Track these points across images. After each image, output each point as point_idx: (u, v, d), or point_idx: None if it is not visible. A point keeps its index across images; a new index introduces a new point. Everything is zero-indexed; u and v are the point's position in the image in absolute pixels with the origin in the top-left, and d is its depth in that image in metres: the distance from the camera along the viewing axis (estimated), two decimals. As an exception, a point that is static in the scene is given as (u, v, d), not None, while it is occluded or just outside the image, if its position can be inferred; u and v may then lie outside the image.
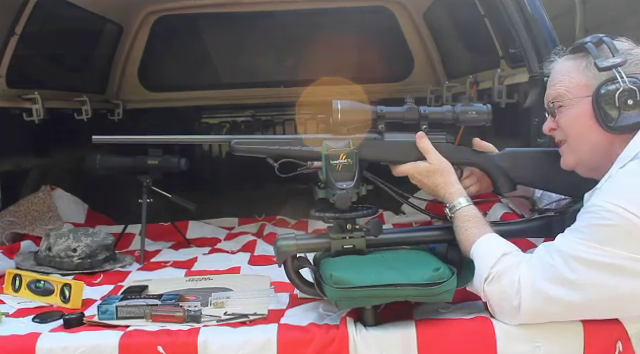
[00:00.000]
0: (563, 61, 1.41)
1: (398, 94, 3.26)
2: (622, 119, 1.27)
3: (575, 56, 1.38)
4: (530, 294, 1.24)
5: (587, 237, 1.20)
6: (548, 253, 1.25)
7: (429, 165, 1.50)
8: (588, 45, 1.33)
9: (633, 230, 1.15)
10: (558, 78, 1.39)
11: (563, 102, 1.36)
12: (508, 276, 1.27)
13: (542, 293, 1.23)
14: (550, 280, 1.22)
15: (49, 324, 1.49)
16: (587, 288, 1.20)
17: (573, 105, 1.35)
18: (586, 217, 1.22)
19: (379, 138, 1.55)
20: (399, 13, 3.36)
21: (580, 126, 1.34)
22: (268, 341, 1.35)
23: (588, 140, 1.34)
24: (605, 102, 1.28)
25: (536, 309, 1.25)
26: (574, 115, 1.35)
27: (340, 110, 1.48)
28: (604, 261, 1.18)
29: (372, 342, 1.34)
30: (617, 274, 1.18)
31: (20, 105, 2.52)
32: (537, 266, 1.26)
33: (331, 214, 1.50)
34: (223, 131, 3.59)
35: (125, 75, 3.46)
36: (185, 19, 3.40)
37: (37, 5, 2.42)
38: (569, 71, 1.37)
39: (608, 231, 1.17)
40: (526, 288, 1.24)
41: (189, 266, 2.11)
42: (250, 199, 3.12)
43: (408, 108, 1.53)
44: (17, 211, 2.46)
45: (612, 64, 1.28)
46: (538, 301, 1.24)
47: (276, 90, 3.47)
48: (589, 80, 1.32)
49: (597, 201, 1.20)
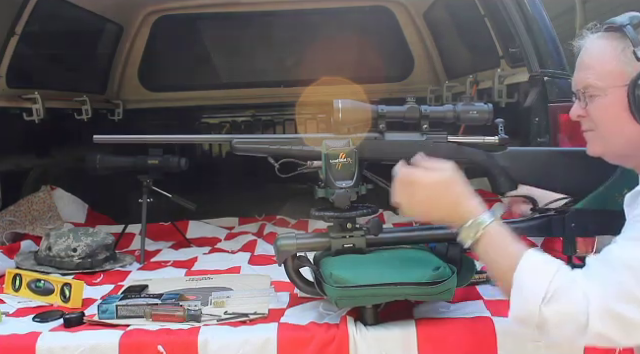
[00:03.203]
0: (595, 39, 1.24)
1: (398, 94, 3.26)
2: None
3: (610, 36, 1.21)
4: (599, 314, 1.07)
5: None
6: (610, 267, 1.09)
7: (443, 172, 1.25)
8: (627, 28, 1.17)
9: None
10: (589, 62, 1.23)
11: (594, 91, 1.22)
12: (569, 294, 1.09)
13: (614, 313, 1.06)
14: (621, 299, 1.06)
15: (49, 323, 1.49)
16: None
17: (606, 95, 1.20)
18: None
19: (380, 137, 1.55)
20: (399, 13, 3.37)
21: (613, 118, 1.20)
22: (268, 340, 1.35)
23: (621, 132, 1.20)
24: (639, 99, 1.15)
25: (606, 330, 1.08)
26: (606, 105, 1.21)
27: (341, 109, 1.48)
28: None
29: (372, 341, 1.34)
30: None
31: (20, 105, 2.52)
32: (601, 283, 1.09)
33: (331, 213, 1.50)
34: (223, 131, 3.60)
35: (125, 75, 3.46)
36: (185, 19, 3.40)
37: (37, 5, 2.41)
38: (602, 54, 1.21)
39: None
40: (595, 307, 1.07)
41: (189, 266, 2.11)
42: (250, 199, 3.11)
43: (409, 107, 1.53)
44: (17, 211, 2.46)
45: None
46: (608, 321, 1.07)
47: (276, 90, 3.47)
48: (625, 67, 1.17)
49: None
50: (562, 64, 2.00)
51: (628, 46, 1.16)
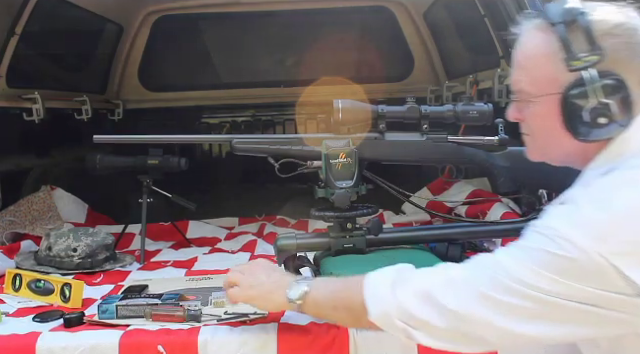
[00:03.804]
0: (530, 32, 1.06)
1: (398, 94, 3.26)
2: (594, 134, 0.99)
3: (546, 29, 1.02)
4: (415, 291, 1.02)
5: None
6: (476, 260, 1.02)
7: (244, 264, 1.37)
8: (558, 28, 0.99)
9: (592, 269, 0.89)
10: (521, 61, 1.07)
11: (527, 97, 1.06)
12: (415, 274, 1.07)
13: (429, 296, 1.00)
14: (446, 287, 1.00)
15: (49, 323, 1.48)
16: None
17: (540, 102, 1.04)
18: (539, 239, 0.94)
19: (380, 137, 1.55)
20: (399, 13, 3.36)
21: (548, 128, 1.05)
22: (268, 340, 1.35)
23: (557, 145, 1.06)
24: (573, 111, 0.99)
25: (413, 309, 1.01)
26: (540, 115, 1.05)
27: (341, 109, 1.48)
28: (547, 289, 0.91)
29: (372, 341, 1.34)
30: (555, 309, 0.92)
31: (20, 105, 2.52)
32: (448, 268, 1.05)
33: (331, 213, 1.51)
34: (223, 131, 3.60)
35: (125, 75, 3.46)
36: (185, 19, 3.40)
37: (37, 5, 2.41)
38: (535, 54, 1.04)
39: (562, 263, 0.90)
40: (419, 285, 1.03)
41: (189, 266, 2.11)
42: (250, 199, 3.12)
43: (409, 107, 1.54)
44: (17, 211, 2.46)
45: (584, 66, 0.96)
46: (417, 300, 1.01)
47: (276, 90, 3.47)
48: (558, 73, 1.00)
49: (556, 224, 0.93)
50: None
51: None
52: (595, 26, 0.98)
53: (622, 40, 0.98)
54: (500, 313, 0.94)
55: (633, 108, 0.98)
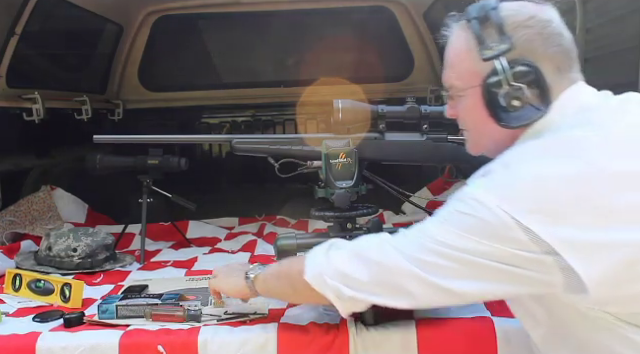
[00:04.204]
0: (455, 32, 1.15)
1: (398, 94, 3.27)
2: (513, 118, 1.07)
3: (466, 27, 1.11)
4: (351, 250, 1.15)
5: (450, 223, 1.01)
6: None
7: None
8: (472, 24, 1.08)
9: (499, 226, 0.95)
10: (449, 58, 1.16)
11: (457, 92, 1.16)
12: (345, 242, 1.20)
13: (359, 255, 1.12)
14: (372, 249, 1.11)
15: (49, 323, 1.49)
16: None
17: (467, 95, 1.13)
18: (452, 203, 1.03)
19: (380, 137, 1.55)
20: (399, 13, 3.36)
21: (477, 119, 1.13)
22: (268, 340, 1.35)
23: (487, 134, 1.13)
24: (492, 99, 1.07)
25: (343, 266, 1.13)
26: (469, 107, 1.14)
27: (341, 109, 1.48)
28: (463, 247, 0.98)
29: (372, 342, 1.34)
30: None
31: (20, 105, 2.52)
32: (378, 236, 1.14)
33: (331, 213, 1.51)
34: (223, 131, 3.60)
35: (125, 75, 3.46)
36: (185, 19, 3.40)
37: (37, 5, 2.41)
38: (459, 51, 1.13)
39: (472, 221, 0.98)
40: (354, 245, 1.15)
41: (189, 266, 2.11)
42: (250, 199, 3.12)
43: (409, 107, 1.54)
44: (17, 211, 2.46)
45: (495, 54, 1.04)
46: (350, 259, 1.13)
47: (276, 90, 3.47)
48: (478, 65, 1.08)
49: (469, 188, 1.01)
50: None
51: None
52: (508, 20, 1.06)
53: (535, 31, 1.06)
54: (424, 270, 1.02)
55: (550, 93, 1.05)
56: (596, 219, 0.93)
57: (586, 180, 0.94)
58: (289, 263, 1.31)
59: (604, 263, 0.92)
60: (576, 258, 0.92)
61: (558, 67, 1.07)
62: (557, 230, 0.93)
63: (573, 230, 0.93)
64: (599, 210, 0.93)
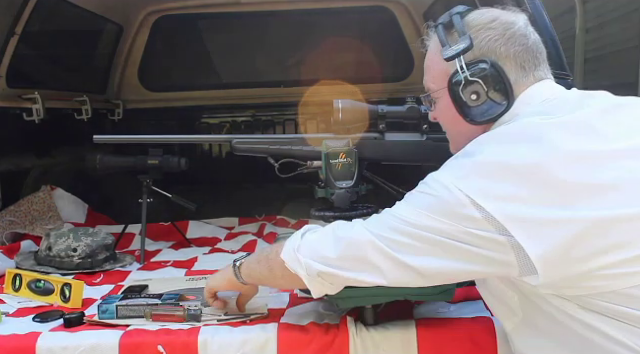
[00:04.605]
0: (432, 38, 1.24)
1: (398, 94, 3.26)
2: (476, 114, 1.14)
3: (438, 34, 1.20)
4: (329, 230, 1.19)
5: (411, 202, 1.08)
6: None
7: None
8: (438, 28, 1.18)
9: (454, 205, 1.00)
10: (426, 64, 1.25)
11: (433, 95, 1.24)
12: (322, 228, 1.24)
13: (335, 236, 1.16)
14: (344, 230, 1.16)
15: (49, 323, 1.49)
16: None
17: (440, 96, 1.21)
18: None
19: (380, 137, 1.55)
20: (399, 13, 3.36)
21: (450, 119, 1.21)
22: (268, 340, 1.35)
23: (461, 133, 1.20)
24: (457, 97, 1.15)
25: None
26: (442, 108, 1.22)
27: (341, 109, 1.49)
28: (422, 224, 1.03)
29: (372, 342, 1.34)
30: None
31: (20, 105, 2.52)
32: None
33: (331, 213, 1.51)
34: (223, 131, 3.60)
35: (125, 75, 3.46)
36: (185, 19, 3.40)
37: (37, 5, 2.41)
38: (432, 55, 1.22)
39: (430, 200, 1.03)
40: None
41: (189, 266, 2.11)
42: (250, 199, 3.12)
43: (409, 107, 1.54)
44: (17, 211, 2.46)
45: (454, 53, 1.13)
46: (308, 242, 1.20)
47: (276, 90, 3.47)
48: (446, 67, 1.17)
49: (432, 173, 1.09)
50: (562, 64, 2.00)
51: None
52: (471, 23, 1.15)
53: (497, 32, 1.13)
54: (389, 246, 1.07)
55: (511, 89, 1.12)
56: (544, 197, 0.96)
57: (537, 159, 0.98)
58: (269, 247, 1.37)
59: (550, 240, 0.94)
60: (524, 236, 0.95)
61: (522, 66, 1.13)
62: (508, 208, 0.96)
63: (522, 208, 0.96)
64: (548, 188, 0.96)
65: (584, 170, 0.97)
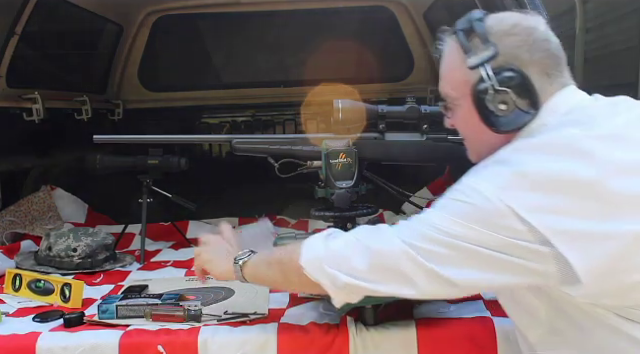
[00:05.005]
0: (447, 44, 1.19)
1: (398, 94, 3.26)
2: (504, 123, 1.10)
3: (457, 40, 1.14)
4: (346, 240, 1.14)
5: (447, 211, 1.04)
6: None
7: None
8: (459, 35, 1.12)
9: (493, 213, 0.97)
10: (442, 70, 1.20)
11: (452, 101, 1.19)
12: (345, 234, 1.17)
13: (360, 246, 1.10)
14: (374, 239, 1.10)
15: (49, 323, 1.49)
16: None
17: (460, 104, 1.16)
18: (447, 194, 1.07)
19: (380, 137, 1.55)
20: (399, 13, 3.36)
21: (472, 127, 1.16)
22: (268, 340, 1.35)
23: (483, 141, 1.16)
24: (482, 105, 1.10)
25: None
26: (463, 116, 1.17)
27: (341, 109, 1.49)
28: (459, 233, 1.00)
29: (372, 342, 1.34)
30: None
31: (20, 105, 2.52)
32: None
33: (331, 213, 1.51)
34: (223, 131, 3.59)
35: (125, 75, 3.46)
36: (185, 19, 3.40)
37: (37, 5, 2.41)
38: (450, 62, 1.17)
39: (468, 209, 1.00)
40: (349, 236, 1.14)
41: (189, 266, 2.11)
42: (250, 199, 3.11)
43: (409, 107, 1.54)
44: (17, 211, 2.46)
45: (480, 61, 1.08)
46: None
47: (276, 90, 3.47)
48: (467, 75, 1.11)
49: (466, 179, 1.05)
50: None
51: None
52: (492, 29, 1.10)
53: (520, 38, 1.09)
54: (422, 256, 1.02)
55: (538, 97, 1.09)
56: (591, 210, 0.95)
57: (592, 174, 0.95)
58: (283, 250, 1.30)
59: (598, 254, 0.93)
60: (570, 249, 0.94)
61: (546, 72, 1.10)
62: (552, 221, 0.94)
63: (568, 221, 0.94)
64: (594, 201, 0.95)
65: (628, 181, 0.96)
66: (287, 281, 1.24)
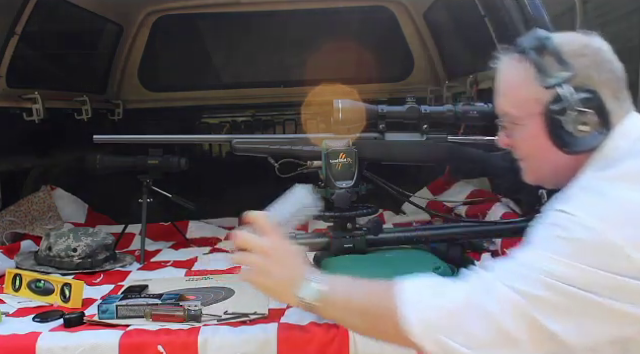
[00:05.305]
0: (507, 63, 1.16)
1: (398, 94, 3.26)
2: (579, 144, 1.06)
3: (520, 59, 1.12)
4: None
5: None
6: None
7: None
8: (530, 55, 1.09)
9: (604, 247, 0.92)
10: (503, 88, 1.17)
11: (513, 120, 1.14)
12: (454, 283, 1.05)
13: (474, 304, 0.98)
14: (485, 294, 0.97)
15: (49, 323, 1.49)
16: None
17: (524, 124, 1.12)
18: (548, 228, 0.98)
19: (380, 137, 1.55)
20: (399, 13, 3.36)
21: (537, 148, 1.12)
22: (268, 340, 1.35)
23: (548, 161, 1.12)
24: (557, 125, 1.06)
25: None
26: (528, 135, 1.13)
27: (341, 109, 1.49)
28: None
29: (372, 341, 1.33)
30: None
31: (20, 105, 2.52)
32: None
33: (331, 213, 1.51)
34: (223, 131, 3.59)
35: (125, 75, 3.46)
36: (185, 19, 3.40)
37: (37, 5, 2.41)
38: (514, 81, 1.14)
39: (578, 246, 0.93)
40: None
41: (189, 266, 2.11)
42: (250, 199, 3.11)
43: (409, 107, 1.54)
44: (17, 211, 2.46)
45: (559, 81, 1.05)
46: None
47: (276, 90, 3.47)
48: (539, 94, 1.08)
49: (568, 209, 0.97)
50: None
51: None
52: (564, 48, 1.08)
53: (590, 59, 1.08)
54: (536, 308, 0.93)
55: (610, 118, 1.06)
56: None
57: None
58: (371, 294, 1.10)
59: None
60: None
61: (615, 95, 1.08)
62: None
63: None
64: None
65: None
66: (377, 332, 1.11)
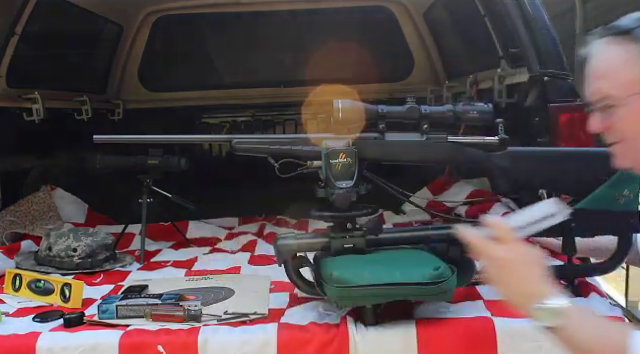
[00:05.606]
0: (604, 46, 1.13)
1: (398, 94, 3.27)
2: None
3: (620, 40, 1.10)
4: None
5: None
6: None
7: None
8: (636, 31, 1.08)
9: None
10: (601, 71, 1.13)
11: (613, 102, 1.11)
12: None
13: None
14: None
15: (49, 323, 1.49)
16: None
17: (626, 104, 1.10)
18: None
19: (380, 137, 1.55)
20: (399, 13, 3.37)
21: (638, 127, 1.10)
22: (268, 340, 1.35)
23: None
24: None
25: None
26: (629, 115, 1.10)
27: (341, 109, 1.48)
28: None
29: (372, 341, 1.34)
30: None
31: (20, 105, 2.52)
32: None
33: (331, 213, 1.51)
34: (223, 131, 3.59)
35: (125, 75, 3.46)
36: (185, 19, 3.40)
37: (37, 5, 2.41)
38: (616, 62, 1.11)
39: None
40: None
41: (189, 266, 2.11)
42: (250, 199, 3.11)
43: (409, 107, 1.54)
44: (17, 211, 2.46)
45: None
46: None
47: (276, 90, 3.47)
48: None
49: None
50: (562, 64, 2.00)
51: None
52: None
53: None
54: None
55: None
56: None
57: None
58: (605, 338, 1.04)
59: None
60: None
61: None
62: None
63: None
64: None
65: None
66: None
